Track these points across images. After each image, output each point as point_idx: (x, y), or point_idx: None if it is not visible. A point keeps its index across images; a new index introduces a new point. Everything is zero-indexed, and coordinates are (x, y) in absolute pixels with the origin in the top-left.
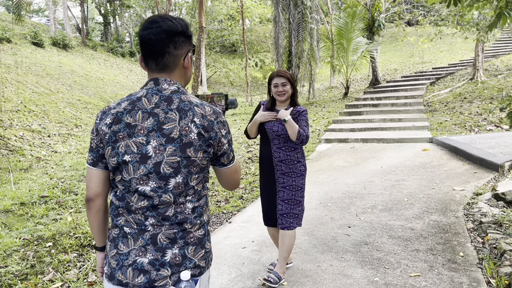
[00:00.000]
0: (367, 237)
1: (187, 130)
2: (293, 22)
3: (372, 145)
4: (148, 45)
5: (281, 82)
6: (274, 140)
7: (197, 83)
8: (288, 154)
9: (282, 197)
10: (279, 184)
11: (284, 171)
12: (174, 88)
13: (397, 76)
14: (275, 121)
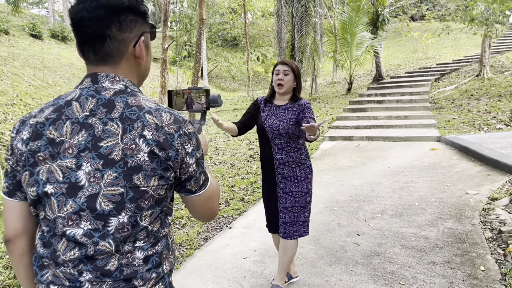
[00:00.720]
0: (378, 246)
1: (134, 149)
2: (296, 15)
3: (378, 144)
4: (82, 27)
5: (283, 69)
6: (275, 140)
7: (196, 78)
8: (291, 156)
9: (284, 204)
10: (280, 190)
11: (286, 175)
12: (119, 88)
13: (401, 71)
14: (275, 118)
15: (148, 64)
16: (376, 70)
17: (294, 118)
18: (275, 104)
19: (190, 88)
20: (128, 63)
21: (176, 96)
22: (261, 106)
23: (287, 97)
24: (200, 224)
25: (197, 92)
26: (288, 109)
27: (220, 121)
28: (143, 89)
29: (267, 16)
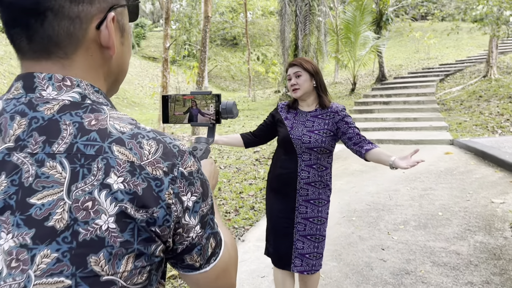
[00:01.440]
0: (406, 263)
1: (90, 209)
2: (300, 14)
3: (388, 147)
4: None
5: (294, 71)
6: (304, 155)
7: (201, 78)
8: (319, 175)
9: (302, 231)
10: (299, 214)
11: (309, 197)
12: (70, 99)
13: (403, 72)
14: (303, 127)
15: (125, 58)
16: (379, 71)
17: (329, 130)
18: (301, 110)
19: (193, 93)
20: (87, 57)
21: (174, 104)
22: (283, 113)
23: (312, 100)
24: None
25: (204, 98)
26: (319, 116)
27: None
28: (140, 90)
29: (267, 15)
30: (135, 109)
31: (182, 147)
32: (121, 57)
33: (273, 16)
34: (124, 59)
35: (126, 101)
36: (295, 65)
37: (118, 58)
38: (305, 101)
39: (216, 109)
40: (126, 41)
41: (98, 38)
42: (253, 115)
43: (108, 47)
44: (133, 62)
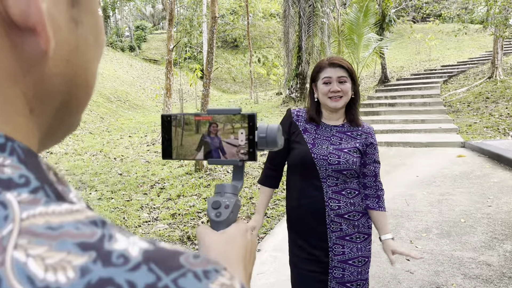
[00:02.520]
0: (435, 276)
1: None
2: (304, 16)
3: (398, 150)
4: None
5: (337, 76)
6: (329, 180)
7: (209, 80)
8: (352, 203)
9: (339, 278)
10: (334, 257)
11: (344, 232)
12: None
13: (404, 73)
14: (329, 144)
15: (85, 54)
16: (382, 72)
17: (359, 148)
18: (324, 123)
19: (211, 111)
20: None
21: (181, 129)
22: (300, 123)
23: (340, 115)
24: None
25: (229, 120)
26: (348, 133)
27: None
28: (142, 93)
29: (268, 18)
30: (137, 111)
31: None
32: (75, 53)
33: (274, 18)
34: (82, 57)
35: (128, 103)
36: (340, 67)
37: (65, 54)
38: (335, 113)
39: (250, 138)
40: (88, 18)
41: (2, 4)
42: (258, 117)
43: (32, 29)
44: (135, 64)
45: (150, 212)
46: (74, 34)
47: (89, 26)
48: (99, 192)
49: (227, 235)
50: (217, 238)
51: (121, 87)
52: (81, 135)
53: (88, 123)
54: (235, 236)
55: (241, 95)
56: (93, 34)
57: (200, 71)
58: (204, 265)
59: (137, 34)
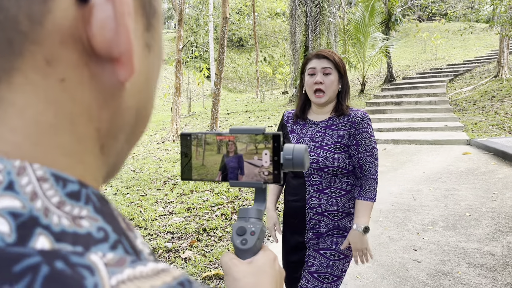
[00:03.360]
0: (441, 264)
1: None
2: (310, 15)
3: (404, 147)
4: None
5: (321, 67)
6: (312, 178)
7: (220, 79)
8: (335, 202)
9: (311, 266)
10: (310, 247)
11: (321, 231)
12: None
13: (410, 72)
14: (311, 142)
15: (152, 80)
16: (388, 71)
17: (343, 144)
18: (311, 119)
19: (234, 131)
20: (49, 86)
21: (199, 148)
22: (289, 125)
23: (329, 108)
24: None
25: (251, 139)
26: (332, 127)
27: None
28: None
29: (273, 17)
30: None
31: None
32: (146, 82)
33: (280, 18)
34: (150, 84)
35: None
36: (325, 58)
37: (140, 84)
38: (322, 108)
39: (275, 159)
40: (157, 42)
41: (86, 30)
42: (264, 116)
43: (115, 58)
44: None
45: (165, 206)
46: (146, 62)
47: (157, 52)
48: (114, 187)
49: (256, 265)
50: (245, 268)
51: None
52: None
53: None
54: (264, 265)
55: (247, 94)
56: (158, 60)
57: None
58: None
59: None
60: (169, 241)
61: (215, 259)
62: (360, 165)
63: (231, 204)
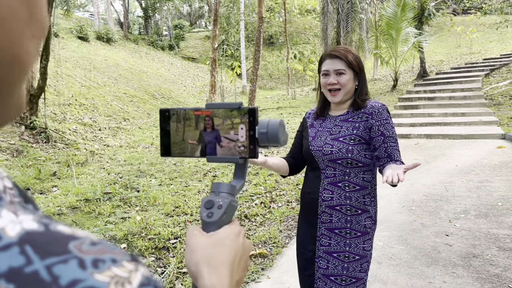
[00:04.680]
0: (472, 248)
1: None
2: (342, 12)
3: (437, 142)
4: None
5: (334, 68)
6: (326, 171)
7: (256, 77)
8: (347, 196)
9: (323, 269)
10: (321, 247)
11: (334, 225)
12: None
13: (444, 67)
14: (327, 135)
15: (13, 31)
16: (421, 66)
17: (359, 136)
18: (330, 115)
19: (210, 106)
20: None
21: (180, 125)
22: (309, 120)
23: (347, 104)
24: (279, 221)
25: (229, 115)
26: (349, 120)
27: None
28: (184, 90)
29: (304, 14)
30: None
31: None
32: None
33: (310, 14)
34: (4, 26)
35: (171, 100)
36: (337, 58)
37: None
38: (339, 105)
39: (251, 134)
40: None
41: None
42: (296, 112)
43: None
44: (175, 63)
45: (207, 195)
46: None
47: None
48: (159, 179)
49: (215, 237)
50: (204, 240)
51: (164, 84)
52: (131, 130)
53: (136, 119)
54: (224, 239)
55: (277, 91)
56: (25, 6)
57: (238, 68)
58: (99, 254)
59: (176, 33)
60: None
61: (258, 240)
62: (388, 155)
63: (269, 194)
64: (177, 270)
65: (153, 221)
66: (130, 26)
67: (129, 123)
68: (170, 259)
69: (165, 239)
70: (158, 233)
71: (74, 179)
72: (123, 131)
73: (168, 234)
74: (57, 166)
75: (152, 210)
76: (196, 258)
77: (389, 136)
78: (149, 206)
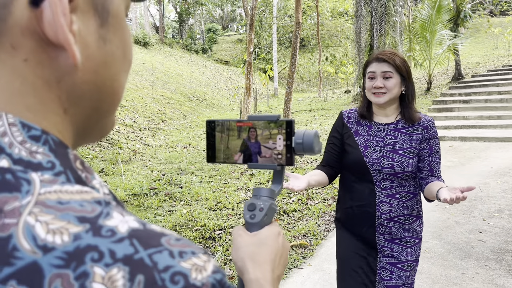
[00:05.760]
0: (505, 244)
1: None
2: (376, 15)
3: (472, 144)
4: None
5: (381, 71)
6: (383, 183)
7: (292, 79)
8: (405, 207)
9: (388, 280)
10: (383, 259)
11: (394, 235)
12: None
13: (481, 70)
14: (382, 145)
15: (112, 67)
16: (456, 69)
17: (416, 148)
18: (377, 122)
19: (252, 118)
20: (15, 64)
21: (224, 135)
22: (351, 125)
23: (393, 109)
24: (317, 216)
25: (268, 127)
26: (403, 130)
27: (301, 179)
28: (217, 92)
29: (336, 16)
30: (214, 110)
31: (195, 276)
32: (102, 67)
33: (342, 17)
34: (109, 70)
35: (206, 102)
36: (385, 62)
37: (94, 68)
38: (384, 109)
39: (287, 143)
40: (115, 36)
41: (39, 25)
42: (328, 114)
43: (60, 45)
44: (208, 66)
45: (246, 192)
46: (102, 50)
47: (117, 43)
48: (199, 176)
49: (258, 237)
50: (248, 239)
51: (199, 87)
52: (169, 131)
53: (174, 120)
54: (266, 238)
55: (309, 93)
56: (121, 50)
57: (271, 71)
58: (183, 247)
59: (208, 36)
60: None
61: (297, 233)
62: (430, 169)
63: (305, 192)
64: (225, 257)
65: (198, 214)
66: (165, 30)
67: (166, 124)
68: (217, 248)
69: (211, 230)
70: (204, 225)
71: (122, 175)
72: (162, 131)
73: (213, 226)
74: (104, 164)
75: (196, 204)
76: (242, 255)
77: (436, 151)
78: (192, 200)
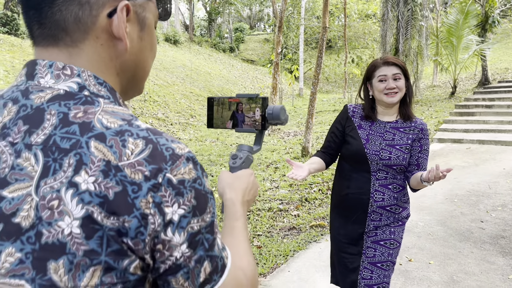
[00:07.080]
0: (502, 231)
1: (55, 209)
2: (402, 19)
3: (489, 147)
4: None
5: (392, 73)
6: (379, 173)
7: (317, 80)
8: (395, 197)
9: (371, 257)
10: (368, 238)
11: (382, 222)
12: (65, 88)
13: (508, 75)
14: (382, 140)
15: (143, 55)
16: (482, 74)
17: (410, 144)
18: (380, 120)
19: (239, 96)
20: (96, 46)
21: (219, 107)
22: (355, 119)
23: (396, 108)
24: None
25: (249, 102)
26: (401, 129)
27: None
28: (243, 91)
29: (363, 19)
30: None
31: (178, 151)
32: (139, 53)
33: (370, 19)
34: (142, 55)
35: None
36: (394, 65)
37: (135, 53)
38: (390, 108)
39: (262, 114)
40: (147, 37)
41: (110, 27)
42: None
43: (120, 37)
44: (235, 64)
45: (271, 183)
46: (139, 44)
47: (148, 41)
48: (228, 168)
49: (236, 174)
50: (229, 175)
51: (226, 85)
52: (198, 126)
53: (202, 116)
54: (241, 175)
55: (333, 94)
56: (149, 45)
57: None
58: (173, 138)
59: (236, 35)
60: (279, 204)
61: (317, 216)
62: (418, 163)
63: (326, 184)
64: (253, 232)
65: None
66: (194, 28)
67: (195, 120)
68: None
69: None
70: None
71: None
72: (191, 126)
73: None
74: None
75: None
76: (223, 184)
77: (425, 150)
78: None
